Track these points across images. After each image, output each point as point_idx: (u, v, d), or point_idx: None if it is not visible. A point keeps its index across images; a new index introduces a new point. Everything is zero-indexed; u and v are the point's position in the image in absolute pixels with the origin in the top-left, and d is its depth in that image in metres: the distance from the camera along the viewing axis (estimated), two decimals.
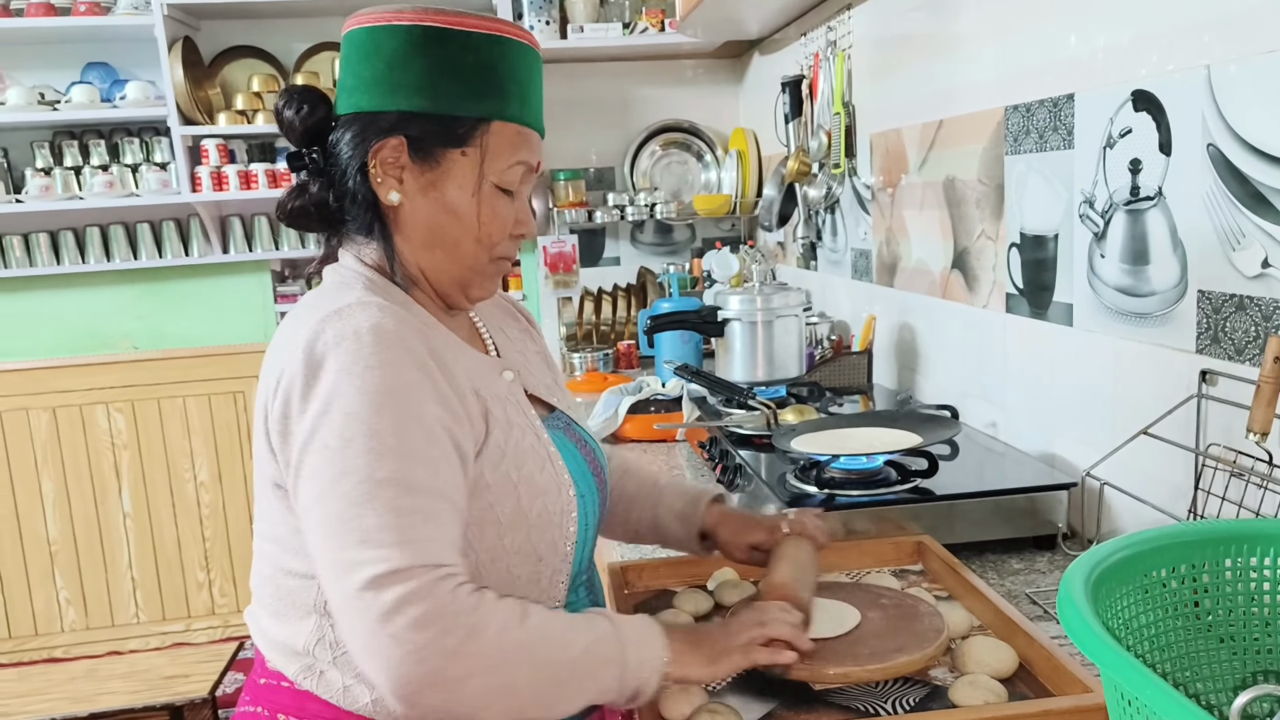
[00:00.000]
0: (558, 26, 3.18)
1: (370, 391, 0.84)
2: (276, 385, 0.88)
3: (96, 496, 3.49)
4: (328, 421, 0.84)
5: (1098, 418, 1.39)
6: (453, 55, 0.94)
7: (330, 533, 0.82)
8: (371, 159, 0.95)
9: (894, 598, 1.11)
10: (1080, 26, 1.37)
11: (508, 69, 0.97)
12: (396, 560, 0.80)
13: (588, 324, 3.17)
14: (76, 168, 3.25)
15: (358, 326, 0.87)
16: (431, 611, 0.79)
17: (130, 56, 3.31)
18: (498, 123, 0.97)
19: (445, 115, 0.95)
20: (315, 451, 0.84)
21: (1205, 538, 0.83)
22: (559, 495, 0.98)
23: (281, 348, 0.91)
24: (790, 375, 2.00)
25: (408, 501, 0.82)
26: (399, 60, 0.94)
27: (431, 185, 0.96)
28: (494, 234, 0.99)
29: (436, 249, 0.98)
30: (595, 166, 3.49)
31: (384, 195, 0.96)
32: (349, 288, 0.95)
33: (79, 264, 3.33)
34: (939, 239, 1.88)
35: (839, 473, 1.41)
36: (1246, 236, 1.08)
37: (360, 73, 0.96)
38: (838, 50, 2.34)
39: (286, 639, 0.95)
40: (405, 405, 0.85)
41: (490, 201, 0.98)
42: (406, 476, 0.83)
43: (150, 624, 3.57)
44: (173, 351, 3.49)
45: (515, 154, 0.98)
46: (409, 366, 0.87)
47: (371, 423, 0.83)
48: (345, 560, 0.81)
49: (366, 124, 0.96)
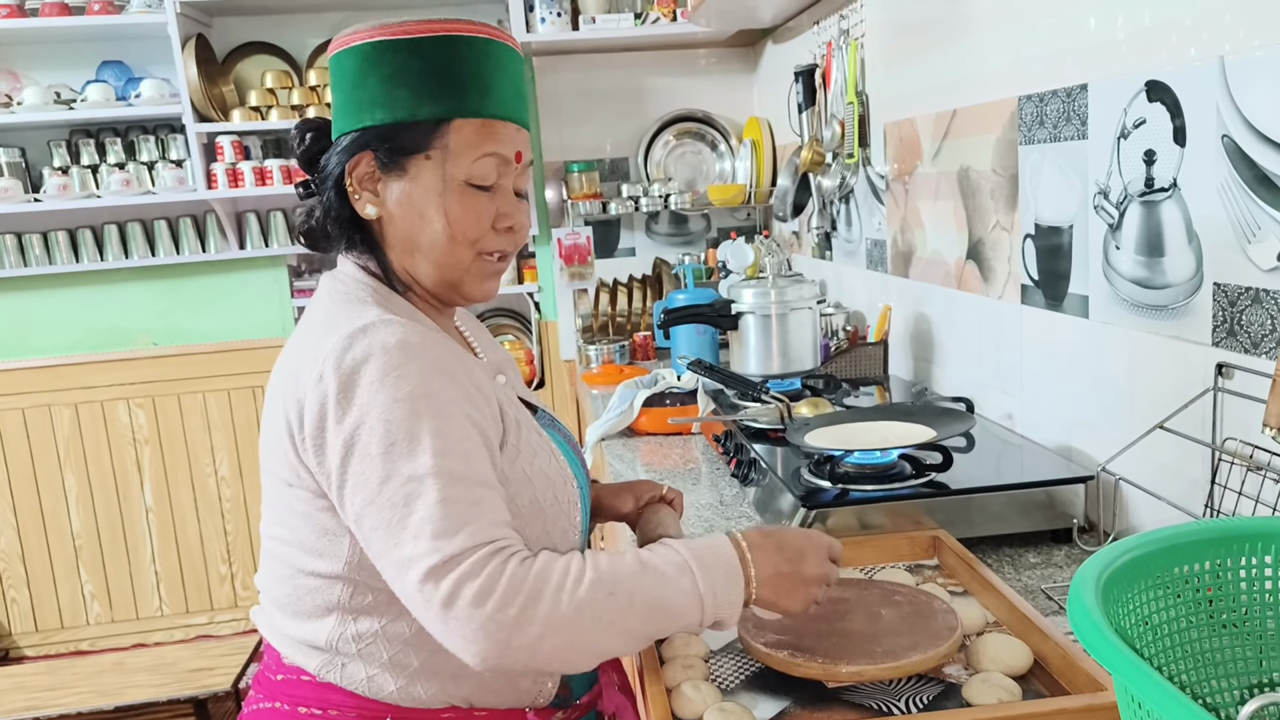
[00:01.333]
0: (569, 18, 3.17)
1: (404, 398, 0.88)
2: (303, 400, 0.90)
3: (119, 491, 3.54)
4: (367, 431, 0.87)
5: (1114, 410, 1.38)
6: (403, 63, 0.97)
7: (385, 535, 0.86)
8: (348, 178, 1.00)
9: (908, 594, 1.11)
10: (1094, 16, 1.35)
11: (463, 66, 0.98)
12: (447, 548, 0.83)
13: (603, 316, 3.17)
14: (93, 166, 3.27)
15: (385, 341, 0.90)
16: (485, 587, 0.82)
17: (144, 54, 3.33)
18: (458, 120, 0.98)
19: (404, 123, 0.97)
20: (358, 460, 0.87)
21: (1218, 536, 0.83)
22: (565, 486, 1.03)
23: (302, 362, 0.93)
24: (805, 368, 2.00)
25: (451, 491, 0.86)
26: (358, 79, 0.98)
27: (403, 193, 0.99)
28: (469, 230, 0.99)
29: (417, 254, 1.01)
30: (609, 158, 3.48)
31: (361, 209, 1.01)
32: (361, 303, 0.98)
33: (97, 262, 3.36)
34: (954, 229, 1.87)
35: (853, 467, 1.41)
36: (1262, 229, 1.06)
37: (336, 98, 1.01)
38: (850, 39, 2.33)
39: (306, 636, 0.97)
40: (438, 406, 0.89)
41: (459, 199, 0.99)
42: (447, 469, 0.86)
43: (174, 617, 3.61)
44: (192, 347, 3.52)
45: (481, 147, 0.99)
46: (437, 373, 0.91)
47: (409, 426, 0.87)
48: (402, 558, 0.84)
49: (343, 147, 1.00)
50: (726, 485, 1.69)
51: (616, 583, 0.86)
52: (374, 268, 1.03)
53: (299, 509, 0.95)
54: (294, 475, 0.94)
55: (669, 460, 1.86)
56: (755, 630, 1.04)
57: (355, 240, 1.03)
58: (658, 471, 1.79)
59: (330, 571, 0.95)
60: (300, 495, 0.94)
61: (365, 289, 1.00)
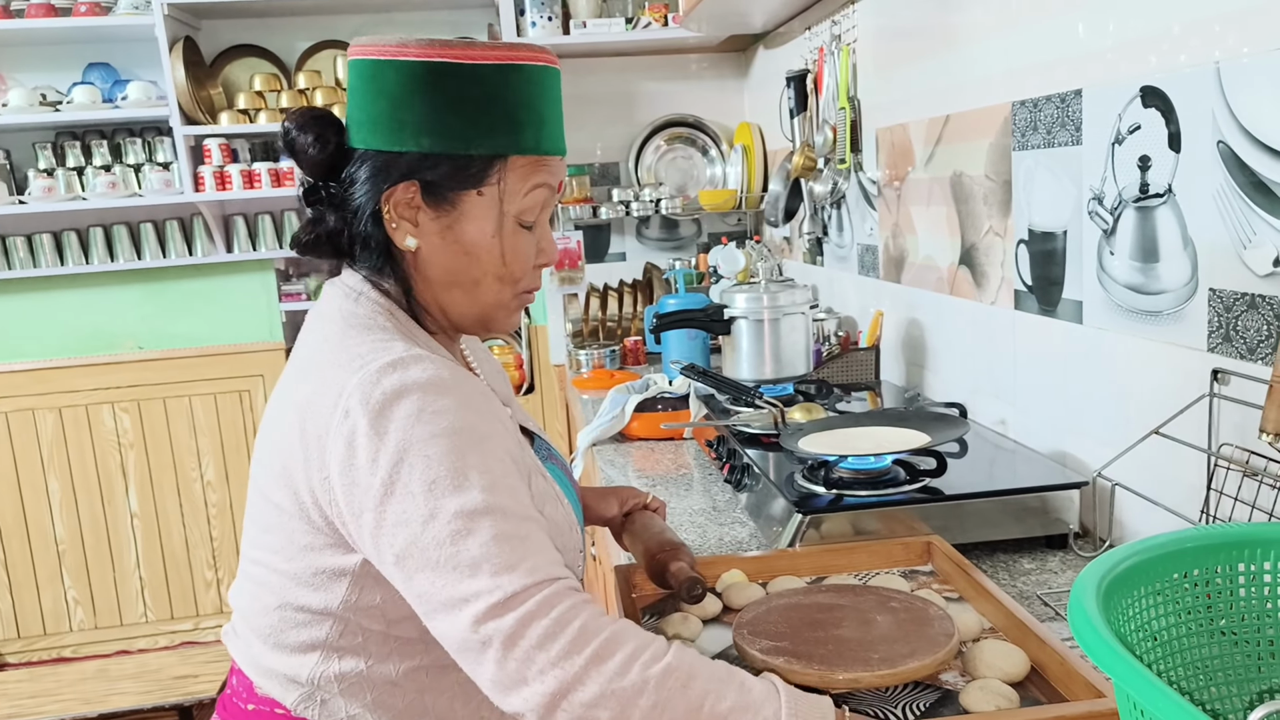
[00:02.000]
0: (560, 22, 3.17)
1: (443, 434, 0.83)
2: (324, 435, 0.85)
3: (103, 496, 3.50)
4: (407, 468, 0.82)
5: (1109, 416, 1.38)
6: (459, 90, 0.91)
7: (434, 575, 0.80)
8: (385, 203, 0.93)
9: (904, 600, 1.10)
10: (1088, 21, 1.35)
11: (520, 97, 0.93)
12: (510, 585, 0.78)
13: (594, 321, 3.16)
14: (79, 168, 3.25)
15: (418, 377, 0.85)
16: (553, 629, 0.77)
17: (131, 57, 3.31)
18: (514, 157, 0.94)
19: (457, 155, 0.92)
20: (399, 499, 0.82)
21: (1217, 542, 0.82)
22: (571, 534, 0.99)
23: (320, 394, 0.87)
24: (797, 373, 2.00)
25: (505, 527, 0.81)
26: (404, 98, 0.91)
27: (448, 228, 0.94)
28: (516, 270, 0.97)
29: (455, 289, 0.96)
30: (600, 162, 3.48)
31: (399, 240, 0.94)
32: (384, 331, 0.92)
33: (83, 265, 3.33)
34: (946, 235, 1.86)
35: (847, 473, 1.41)
36: (1258, 235, 1.06)
37: (367, 108, 0.93)
38: (842, 44, 2.33)
39: (286, 669, 0.93)
40: (478, 440, 0.85)
41: (513, 238, 0.95)
42: (498, 504, 0.82)
43: (158, 623, 3.58)
44: (178, 351, 3.50)
45: (533, 178, 0.95)
46: (472, 409, 0.87)
47: (451, 462, 0.82)
48: (456, 597, 0.79)
49: (378, 167, 0.93)
50: (719, 491, 1.68)
51: (693, 679, 0.77)
52: (389, 287, 0.97)
53: (301, 541, 0.90)
54: (299, 509, 0.89)
55: (661, 466, 1.85)
56: (751, 637, 1.03)
57: (382, 266, 0.96)
58: (649, 477, 1.78)
59: (322, 607, 0.90)
60: (301, 529, 0.90)
61: (383, 314, 0.94)
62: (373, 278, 0.97)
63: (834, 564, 1.26)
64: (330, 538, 0.89)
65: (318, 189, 0.96)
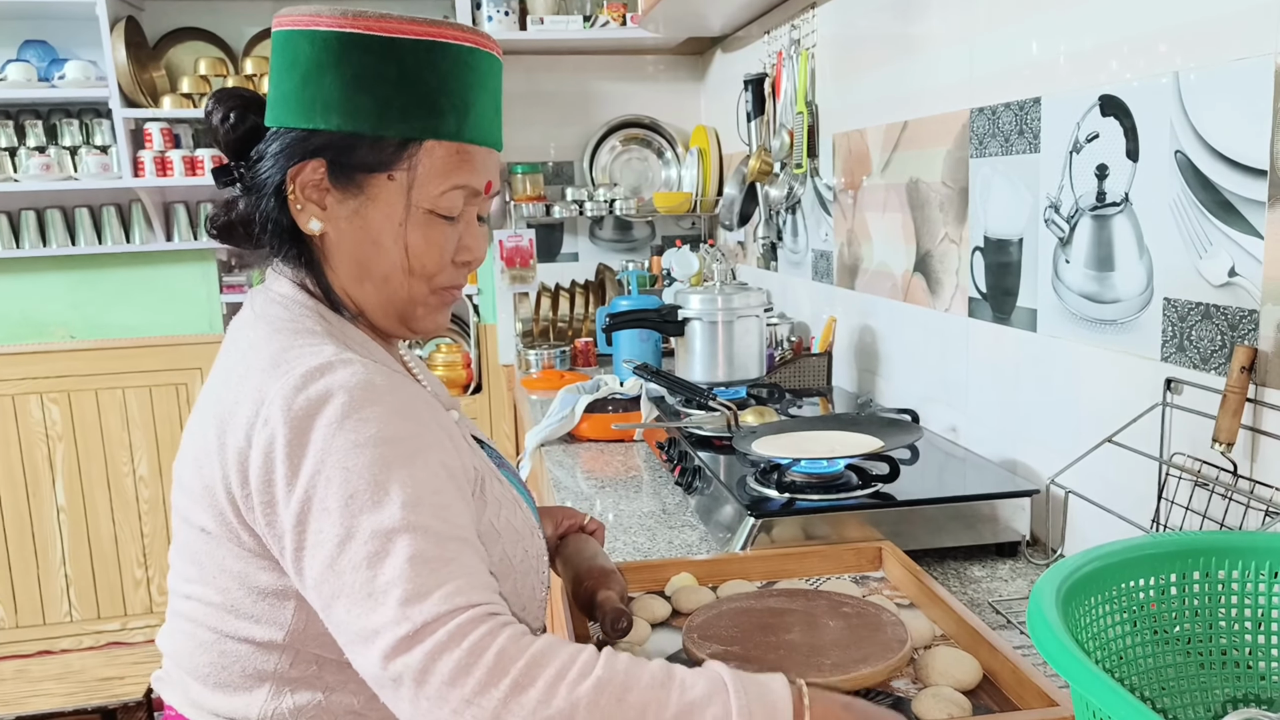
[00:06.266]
0: (517, 18, 3.13)
1: (366, 444, 0.76)
2: (245, 449, 0.79)
3: (29, 489, 3.37)
4: (324, 481, 0.75)
5: (1060, 424, 1.38)
6: (374, 66, 0.84)
7: (347, 603, 0.73)
8: (290, 183, 0.87)
9: (856, 606, 1.08)
10: (1048, 30, 1.36)
11: (443, 79, 0.86)
12: (420, 615, 0.70)
13: (544, 320, 3.12)
14: (11, 149, 3.12)
15: (345, 381, 0.79)
16: (465, 661, 0.68)
17: (70, 35, 3.19)
18: (430, 142, 0.87)
19: (368, 136, 0.85)
20: (316, 516, 0.75)
21: (1175, 550, 0.82)
22: (533, 539, 0.94)
23: (239, 403, 0.81)
24: (750, 376, 1.98)
25: (424, 547, 0.73)
26: (315, 72, 0.85)
27: (355, 213, 0.88)
28: (428, 265, 0.89)
29: (366, 282, 0.90)
30: (554, 161, 3.44)
31: (304, 223, 0.88)
32: (311, 334, 0.85)
33: (13, 249, 3.20)
34: (901, 241, 1.86)
35: (800, 476, 1.39)
36: (1214, 245, 1.07)
37: (281, 83, 0.88)
38: (801, 49, 2.33)
39: (232, 709, 0.86)
40: (408, 453, 0.78)
41: (422, 230, 0.88)
42: (418, 522, 0.75)
43: (84, 622, 3.45)
44: (112, 341, 3.38)
45: (452, 178, 0.88)
46: (406, 417, 0.80)
47: (372, 474, 0.75)
48: (367, 629, 0.71)
49: (287, 144, 0.87)
50: (669, 494, 1.65)
51: (629, 689, 0.69)
52: (312, 286, 0.91)
53: (233, 567, 0.83)
54: (226, 530, 0.82)
55: (610, 467, 1.82)
56: (700, 640, 1.01)
57: (290, 253, 0.90)
58: (598, 479, 1.75)
59: (267, 639, 0.83)
60: (233, 552, 0.83)
61: (311, 315, 0.88)
62: (295, 277, 0.91)
63: (785, 568, 1.24)
64: (265, 560, 0.82)
65: (228, 169, 0.91)
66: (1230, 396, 1.00)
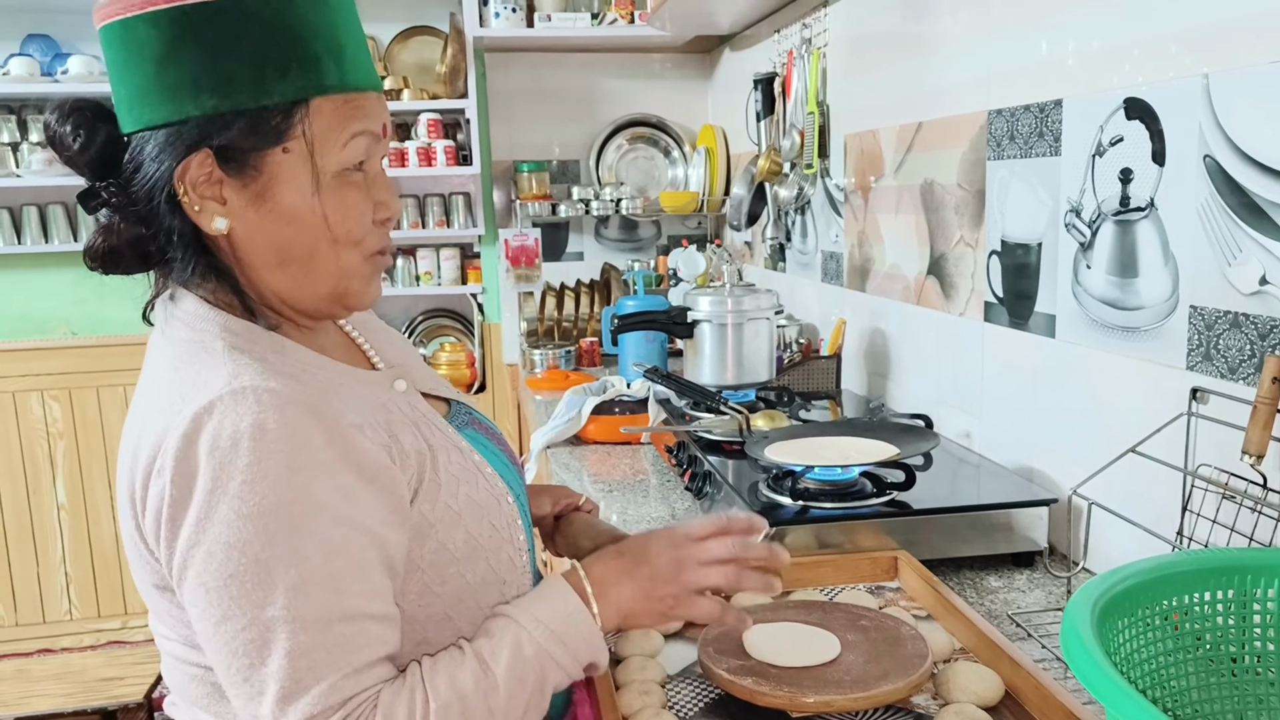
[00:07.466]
0: (524, 14, 3.10)
1: (250, 514, 0.72)
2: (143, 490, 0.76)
3: (29, 487, 3.35)
4: (203, 555, 0.73)
5: (1079, 432, 1.35)
6: (233, 28, 0.76)
7: (229, 678, 0.75)
8: (179, 184, 0.79)
9: (874, 619, 1.06)
10: (1070, 32, 1.33)
11: (309, 26, 0.78)
12: (295, 714, 0.73)
13: (549, 320, 3.10)
14: (14, 144, 3.10)
15: (234, 430, 0.73)
16: None
17: (74, 29, 3.17)
18: (317, 100, 0.80)
19: (249, 110, 0.77)
20: (193, 589, 0.75)
21: (1211, 567, 0.79)
22: (500, 507, 0.90)
23: (142, 432, 0.78)
24: (760, 379, 1.95)
25: (302, 640, 0.73)
26: (168, 54, 0.76)
27: (259, 197, 0.80)
28: (353, 230, 0.84)
29: (290, 266, 0.83)
30: (560, 159, 3.41)
31: (206, 224, 0.80)
32: (210, 354, 0.80)
33: (14, 245, 3.18)
34: (914, 244, 1.84)
35: (813, 483, 1.36)
36: (1244, 251, 1.04)
37: (130, 79, 0.78)
38: (813, 48, 2.30)
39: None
40: (293, 519, 0.73)
41: (337, 194, 0.82)
42: (300, 612, 0.73)
43: (84, 621, 3.43)
44: (113, 338, 3.35)
45: (349, 127, 0.81)
46: (295, 471, 0.74)
47: (254, 552, 0.73)
48: (249, 712, 0.75)
49: (160, 144, 0.78)
50: (678, 498, 1.63)
51: (465, 701, 0.77)
52: (221, 295, 0.84)
53: (176, 612, 0.81)
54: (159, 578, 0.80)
55: (617, 471, 1.80)
56: (716, 655, 0.98)
57: (200, 267, 0.82)
58: (605, 482, 1.73)
59: None
60: (172, 597, 0.80)
61: (215, 330, 0.81)
62: (204, 292, 0.85)
63: (799, 578, 1.21)
64: None
65: (95, 192, 0.82)
66: (1260, 408, 0.97)
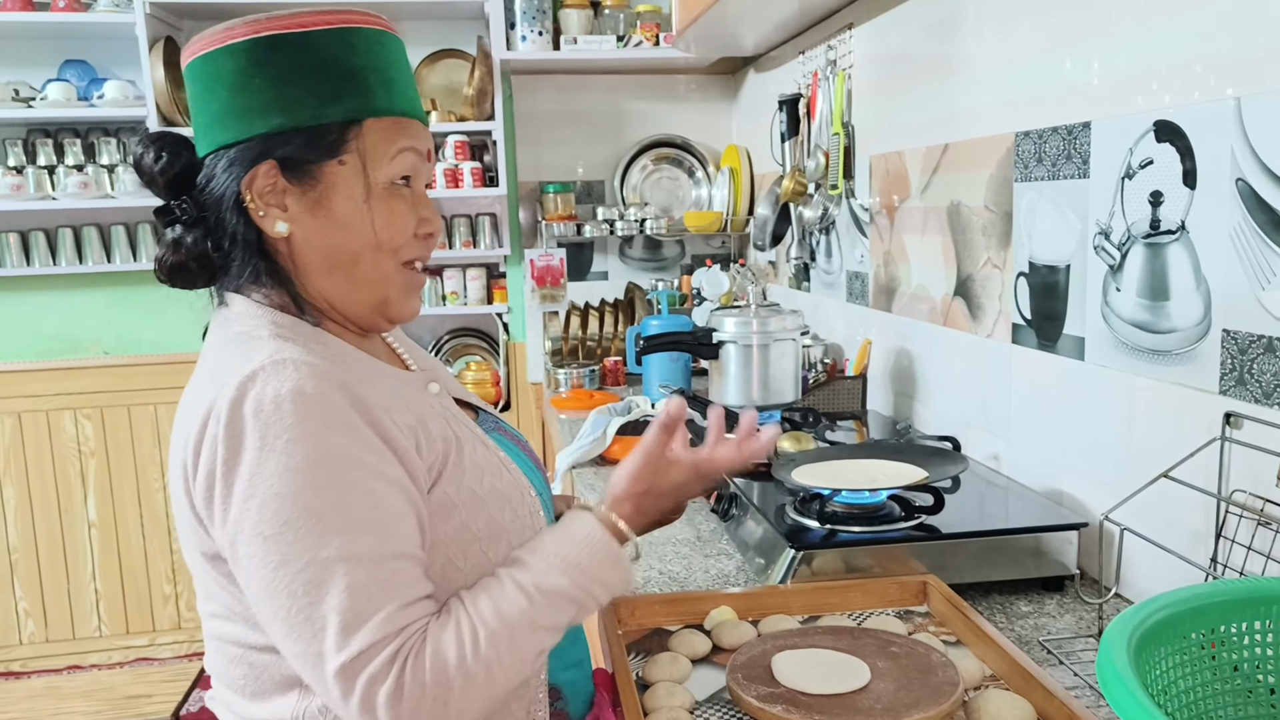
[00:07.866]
0: (550, 37, 3.13)
1: (298, 467, 0.78)
2: (195, 458, 0.81)
3: (61, 505, 3.39)
4: (258, 507, 0.78)
5: (1109, 456, 1.34)
6: (298, 60, 0.87)
7: (286, 626, 0.79)
8: (246, 192, 0.88)
9: (904, 645, 1.05)
10: (1098, 53, 1.33)
11: (364, 60, 0.90)
12: (356, 644, 0.77)
13: (574, 339, 3.11)
14: (50, 167, 3.15)
15: (276, 394, 0.79)
16: (396, 689, 0.77)
17: (110, 55, 3.23)
18: (369, 120, 0.90)
19: (309, 126, 0.88)
20: (250, 540, 0.79)
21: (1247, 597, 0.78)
22: (522, 498, 0.96)
23: (193, 408, 0.83)
24: (786, 400, 1.95)
25: (359, 576, 0.78)
26: (242, 82, 0.87)
27: (317, 204, 0.89)
28: (395, 237, 0.92)
29: (337, 271, 0.91)
30: (584, 180, 3.44)
31: (269, 228, 0.89)
32: (256, 339, 0.86)
33: (50, 266, 3.23)
34: (941, 265, 1.83)
35: (841, 507, 1.36)
36: (1278, 275, 1.03)
37: (208, 107, 0.89)
38: (838, 70, 2.30)
39: (268, 715, 0.89)
40: (338, 472, 0.80)
41: (386, 204, 0.91)
42: (354, 550, 0.79)
43: (113, 638, 3.46)
44: (145, 357, 3.40)
45: (397, 143, 0.91)
46: (335, 430, 0.80)
47: (305, 501, 0.78)
48: (312, 654, 0.78)
49: (231, 159, 0.88)
50: (704, 520, 1.63)
51: (513, 626, 0.83)
52: (278, 298, 0.92)
53: (225, 581, 0.86)
54: (208, 546, 0.85)
55: None
56: (746, 682, 0.98)
57: (259, 270, 0.91)
58: None
59: None
60: (220, 566, 0.85)
61: (264, 323, 0.88)
62: (258, 296, 0.92)
63: (827, 603, 1.21)
64: None
65: (170, 208, 0.92)
66: None
